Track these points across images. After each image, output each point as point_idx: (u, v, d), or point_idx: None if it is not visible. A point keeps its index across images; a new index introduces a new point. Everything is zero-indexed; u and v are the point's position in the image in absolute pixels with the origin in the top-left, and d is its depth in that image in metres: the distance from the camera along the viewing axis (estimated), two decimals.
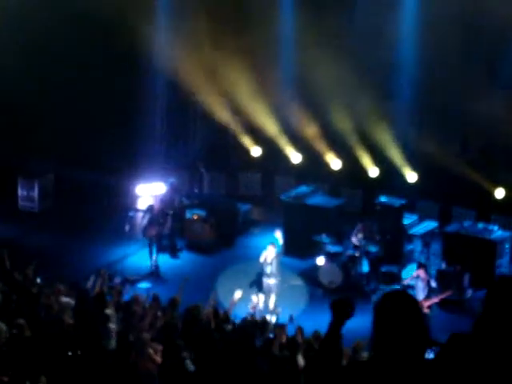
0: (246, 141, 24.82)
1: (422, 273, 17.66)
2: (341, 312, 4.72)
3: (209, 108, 24.20)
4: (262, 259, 18.26)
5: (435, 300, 17.50)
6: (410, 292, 17.52)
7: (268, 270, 18.17)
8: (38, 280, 16.40)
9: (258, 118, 23.85)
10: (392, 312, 4.16)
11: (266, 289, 18.12)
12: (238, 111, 23.99)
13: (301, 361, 13.85)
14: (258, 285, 18.22)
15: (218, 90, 23.22)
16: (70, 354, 13.62)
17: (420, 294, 17.47)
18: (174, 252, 21.38)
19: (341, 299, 4.69)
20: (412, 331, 4.12)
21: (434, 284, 17.58)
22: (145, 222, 20.45)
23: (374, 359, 4.20)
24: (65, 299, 15.33)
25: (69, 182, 23.08)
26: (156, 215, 20.43)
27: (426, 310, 17.19)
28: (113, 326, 14.67)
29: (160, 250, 20.58)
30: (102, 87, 22.70)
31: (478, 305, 17.77)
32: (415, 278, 17.79)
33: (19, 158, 23.21)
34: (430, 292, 17.49)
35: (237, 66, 22.54)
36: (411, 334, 4.12)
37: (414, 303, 4.22)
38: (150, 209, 20.62)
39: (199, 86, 23.26)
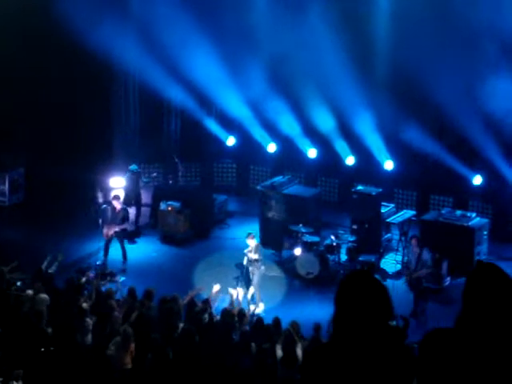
0: (221, 130, 24.59)
1: (414, 244, 17.85)
2: None
3: (182, 98, 23.98)
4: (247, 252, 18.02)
5: (422, 273, 17.52)
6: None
7: (252, 258, 17.92)
8: (18, 283, 16.13)
9: (232, 106, 23.60)
10: (353, 289, 4.19)
11: (252, 278, 17.90)
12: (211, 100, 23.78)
13: (279, 352, 13.68)
14: (245, 278, 17.98)
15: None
16: (42, 349, 13.43)
17: (410, 266, 17.79)
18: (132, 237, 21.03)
19: None
20: (372, 309, 4.14)
21: (426, 256, 17.66)
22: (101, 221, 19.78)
23: (334, 338, 4.20)
24: (42, 295, 15.16)
25: (40, 176, 22.68)
26: (115, 214, 19.85)
27: (413, 281, 17.54)
28: (89, 320, 14.51)
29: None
30: (75, 81, 22.39)
31: (458, 293, 17.70)
32: (410, 250, 18.13)
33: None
34: (421, 264, 17.59)
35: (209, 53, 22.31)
36: (371, 312, 4.14)
37: (376, 282, 4.22)
38: (108, 208, 19.97)
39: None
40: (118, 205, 19.84)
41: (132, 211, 21.63)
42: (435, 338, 4.19)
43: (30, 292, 15.34)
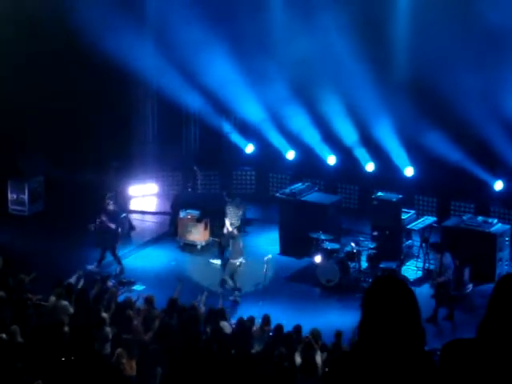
0: (240, 138, 24.53)
1: (433, 251, 18.17)
2: None
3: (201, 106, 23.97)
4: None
5: (445, 278, 17.59)
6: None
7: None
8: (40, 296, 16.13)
9: (251, 113, 23.54)
10: (380, 295, 4.09)
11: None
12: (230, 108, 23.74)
13: (298, 359, 13.58)
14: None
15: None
16: (63, 359, 13.39)
17: (435, 271, 17.93)
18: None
19: None
20: (400, 316, 4.04)
21: (446, 260, 17.67)
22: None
23: (360, 345, 4.11)
24: (64, 302, 15.16)
25: (59, 184, 22.69)
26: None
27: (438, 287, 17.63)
28: (108, 329, 14.48)
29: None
30: (93, 89, 22.40)
31: (480, 300, 17.63)
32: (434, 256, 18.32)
33: (9, 161, 22.83)
34: (443, 269, 17.60)
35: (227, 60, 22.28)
36: (399, 319, 4.04)
37: (404, 288, 4.12)
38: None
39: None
40: (110, 207, 19.94)
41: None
42: (456, 349, 4.14)
43: (52, 298, 15.32)
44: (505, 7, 19.65)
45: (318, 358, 13.40)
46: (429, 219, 20.83)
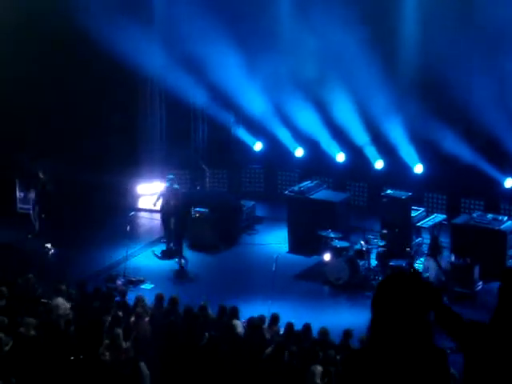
0: (248, 136, 24.47)
1: None
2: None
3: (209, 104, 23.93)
4: None
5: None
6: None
7: None
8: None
9: (259, 111, 23.48)
10: (392, 290, 4.03)
11: None
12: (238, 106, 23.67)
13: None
14: None
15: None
16: (72, 358, 13.38)
17: None
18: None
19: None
20: (411, 312, 3.99)
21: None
22: None
23: (371, 343, 4.06)
24: (60, 300, 15.12)
25: (67, 183, 22.67)
26: None
27: None
28: (120, 329, 14.44)
29: None
30: (100, 87, 22.39)
31: (490, 297, 17.53)
32: None
33: (17, 160, 22.83)
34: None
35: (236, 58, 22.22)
36: (411, 314, 3.99)
37: (415, 285, 4.05)
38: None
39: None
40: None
41: None
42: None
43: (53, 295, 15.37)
44: None
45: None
46: (438, 217, 20.72)
